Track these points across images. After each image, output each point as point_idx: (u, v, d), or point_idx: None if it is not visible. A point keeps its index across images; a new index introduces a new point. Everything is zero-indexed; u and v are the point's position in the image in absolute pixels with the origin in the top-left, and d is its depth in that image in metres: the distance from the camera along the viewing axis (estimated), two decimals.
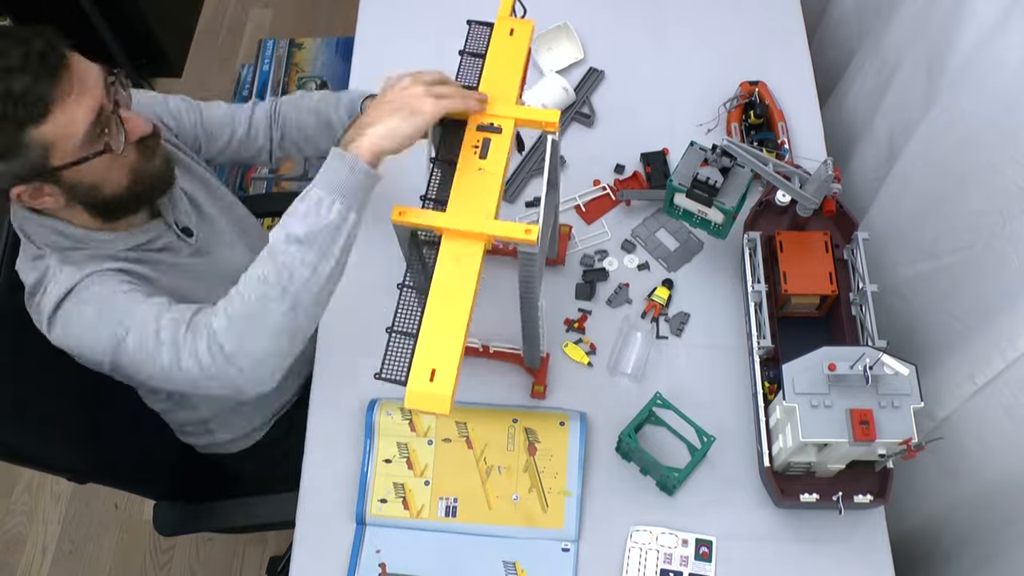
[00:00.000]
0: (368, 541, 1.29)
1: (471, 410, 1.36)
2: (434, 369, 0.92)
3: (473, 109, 1.06)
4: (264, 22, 2.90)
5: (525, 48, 1.10)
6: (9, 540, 2.17)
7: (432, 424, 1.35)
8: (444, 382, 0.91)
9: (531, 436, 1.33)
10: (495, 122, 1.04)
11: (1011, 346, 1.12)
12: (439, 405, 0.91)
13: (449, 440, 1.34)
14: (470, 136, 1.04)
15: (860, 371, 1.10)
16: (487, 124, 1.04)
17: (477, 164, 1.01)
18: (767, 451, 1.24)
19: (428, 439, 1.34)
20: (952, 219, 1.26)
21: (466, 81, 1.09)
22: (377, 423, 1.35)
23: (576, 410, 1.36)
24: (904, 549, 1.34)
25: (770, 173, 1.29)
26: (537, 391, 1.37)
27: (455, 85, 1.09)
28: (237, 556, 2.13)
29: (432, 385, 0.91)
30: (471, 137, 1.03)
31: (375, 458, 1.34)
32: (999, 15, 1.11)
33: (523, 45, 1.09)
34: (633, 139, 1.59)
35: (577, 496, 1.30)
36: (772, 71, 1.64)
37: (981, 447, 1.23)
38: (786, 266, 1.33)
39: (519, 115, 1.06)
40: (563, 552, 1.27)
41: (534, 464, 1.32)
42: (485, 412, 1.36)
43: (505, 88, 1.07)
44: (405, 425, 1.35)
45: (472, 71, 1.10)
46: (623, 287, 1.46)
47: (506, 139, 1.03)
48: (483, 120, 1.04)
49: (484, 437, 1.34)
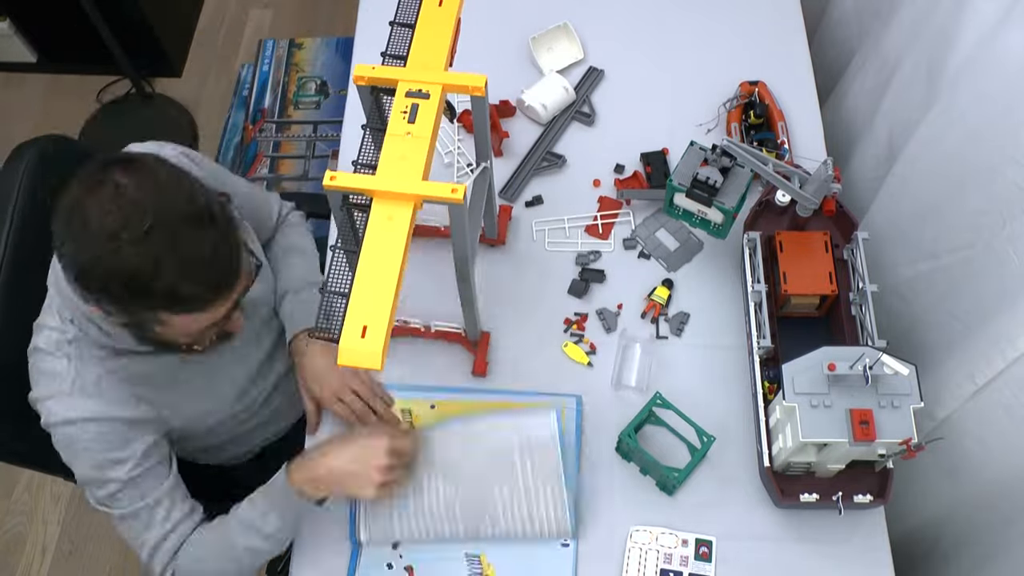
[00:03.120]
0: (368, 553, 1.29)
1: (452, 403, 1.37)
2: (365, 326, 0.94)
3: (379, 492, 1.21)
4: (264, 22, 2.90)
5: (453, 17, 1.12)
6: (9, 540, 2.16)
7: (416, 414, 1.37)
8: (375, 338, 0.93)
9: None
10: (423, 88, 1.06)
11: (1011, 346, 1.12)
12: (370, 360, 0.93)
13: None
14: (399, 102, 1.06)
15: (860, 371, 1.10)
16: (415, 91, 1.06)
17: (406, 128, 1.04)
18: (767, 451, 1.24)
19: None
20: (952, 219, 1.26)
21: (395, 50, 1.13)
22: None
23: (572, 395, 1.36)
24: (904, 549, 1.34)
25: (770, 173, 1.29)
26: (478, 368, 1.39)
27: (407, 457, 1.25)
28: None
29: (364, 342, 0.93)
30: (400, 103, 1.06)
31: None
32: (999, 15, 1.11)
33: (451, 14, 1.13)
34: (633, 139, 1.59)
35: (572, 489, 1.29)
36: (772, 71, 1.64)
37: (981, 447, 1.23)
38: (786, 266, 1.33)
39: (446, 80, 1.08)
40: (562, 547, 1.27)
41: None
42: (470, 405, 1.36)
43: (434, 56, 1.10)
44: None
45: (403, 41, 1.13)
46: (617, 309, 1.45)
47: (434, 104, 1.05)
48: (411, 87, 1.06)
49: None
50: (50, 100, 2.74)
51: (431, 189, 1.00)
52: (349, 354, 0.94)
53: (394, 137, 1.03)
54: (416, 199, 1.00)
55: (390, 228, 0.99)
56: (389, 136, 1.04)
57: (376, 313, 0.95)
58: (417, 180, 1.01)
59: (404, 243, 0.98)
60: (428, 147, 1.03)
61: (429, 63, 1.10)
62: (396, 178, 1.01)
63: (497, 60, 1.62)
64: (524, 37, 1.68)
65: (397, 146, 1.03)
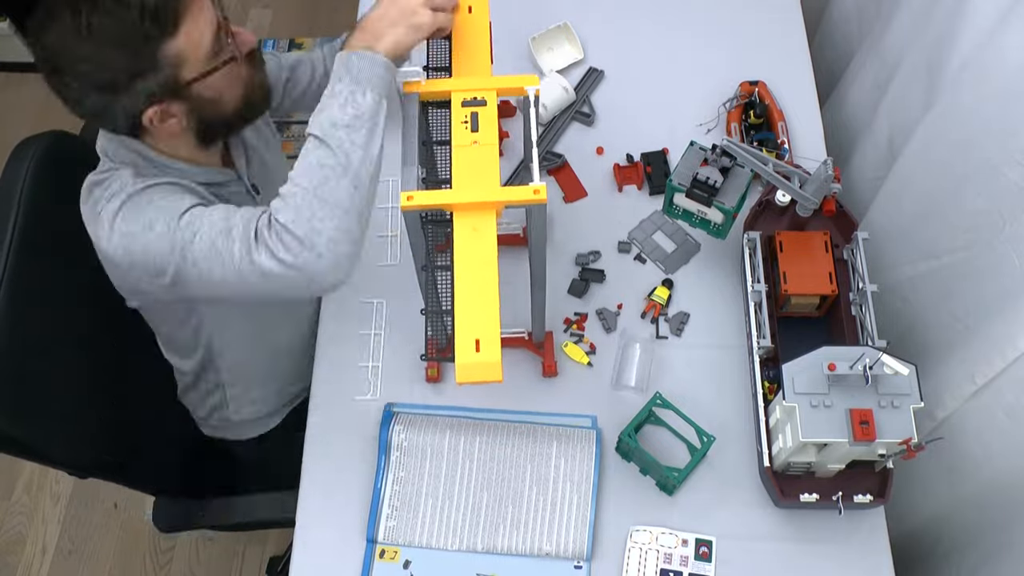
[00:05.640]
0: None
1: (488, 424, 1.35)
2: (478, 339, 0.93)
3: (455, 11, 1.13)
4: (264, 22, 2.90)
5: (486, 22, 1.13)
6: (9, 540, 2.16)
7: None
8: (491, 349, 0.93)
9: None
10: (478, 95, 1.06)
11: (1011, 346, 1.12)
12: (492, 373, 0.93)
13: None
14: (457, 113, 1.06)
15: (860, 371, 1.10)
16: (471, 99, 1.06)
17: (471, 138, 1.04)
18: (767, 451, 1.24)
19: None
20: (952, 219, 1.26)
21: (437, 62, 1.12)
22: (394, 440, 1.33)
23: (589, 415, 1.36)
24: (904, 549, 1.34)
25: (770, 173, 1.29)
26: (548, 370, 1.38)
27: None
28: (237, 556, 2.12)
29: (480, 355, 0.93)
30: (459, 114, 1.05)
31: (391, 476, 1.32)
32: (999, 15, 1.11)
33: (484, 19, 1.13)
34: (633, 139, 1.59)
35: (592, 510, 1.29)
36: (772, 71, 1.64)
37: (981, 447, 1.23)
38: (786, 266, 1.33)
39: (499, 85, 1.08)
40: (575, 570, 1.27)
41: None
42: (503, 427, 1.35)
43: (478, 62, 1.10)
44: None
45: (442, 53, 1.13)
46: (617, 309, 1.45)
47: (492, 110, 1.05)
48: (466, 96, 1.06)
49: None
50: (50, 100, 2.72)
51: (513, 193, 0.99)
52: (468, 370, 0.93)
53: (461, 148, 1.03)
54: (498, 206, 1.00)
55: (477, 239, 0.98)
56: (456, 148, 1.03)
57: (485, 325, 0.94)
58: (496, 187, 1.00)
59: (494, 250, 0.98)
60: (496, 152, 1.02)
61: (475, 69, 1.10)
62: (474, 188, 1.00)
63: (497, 60, 1.60)
64: (524, 37, 1.68)
65: (466, 156, 1.02)
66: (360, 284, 1.46)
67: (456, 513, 1.29)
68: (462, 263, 0.98)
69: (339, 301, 1.47)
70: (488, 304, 0.95)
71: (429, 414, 1.36)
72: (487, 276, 0.97)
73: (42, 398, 1.23)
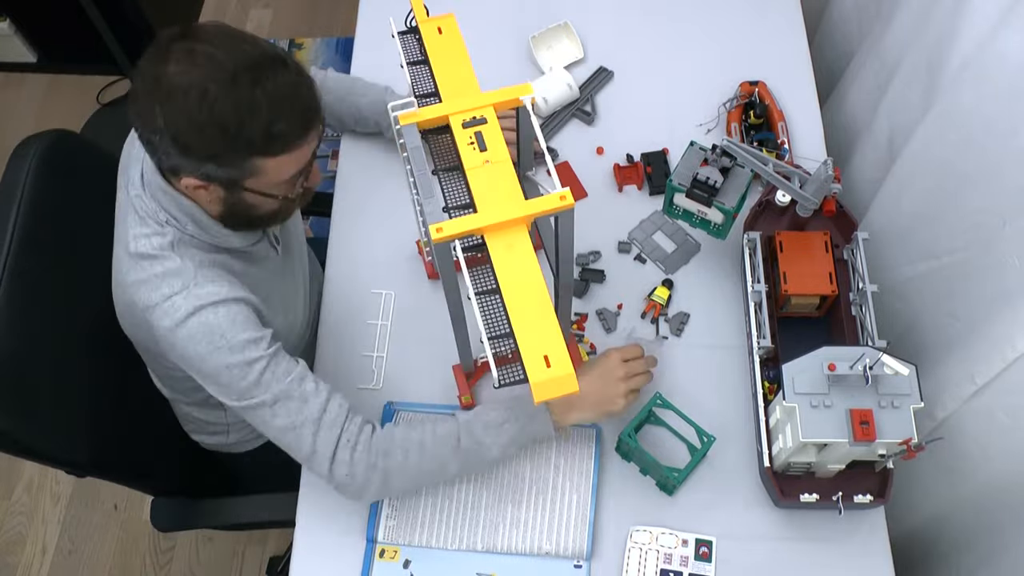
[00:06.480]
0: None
1: None
2: (546, 355, 0.92)
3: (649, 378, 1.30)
4: (264, 22, 2.90)
5: (459, 40, 1.12)
6: (9, 540, 2.17)
7: None
8: (561, 362, 0.92)
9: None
10: (476, 115, 1.05)
11: (1011, 346, 1.12)
12: (567, 385, 0.92)
13: None
14: (460, 135, 1.04)
15: (860, 371, 1.10)
16: (470, 119, 1.05)
17: (481, 158, 1.02)
18: (767, 451, 1.24)
19: None
20: (952, 219, 1.26)
21: (423, 89, 1.11)
22: None
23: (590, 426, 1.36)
24: (904, 549, 1.34)
25: (770, 173, 1.29)
26: None
27: (641, 359, 1.29)
28: (237, 556, 2.13)
29: (552, 370, 0.92)
30: (462, 137, 1.04)
31: None
32: (999, 14, 1.11)
33: (456, 38, 1.12)
34: (633, 139, 1.59)
35: (592, 509, 1.29)
36: (772, 71, 1.64)
37: (981, 447, 1.23)
38: (786, 266, 1.33)
39: (493, 100, 1.06)
40: (575, 569, 1.27)
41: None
42: None
43: (463, 82, 1.09)
44: None
45: (424, 78, 1.11)
46: (617, 309, 1.45)
47: (494, 126, 1.04)
48: (465, 117, 1.05)
49: None
50: (50, 100, 2.74)
51: (540, 204, 0.98)
52: (544, 387, 0.92)
53: (474, 170, 1.02)
54: (527, 220, 0.98)
55: (515, 255, 0.97)
56: (470, 171, 1.02)
57: (549, 338, 0.93)
58: (520, 201, 0.99)
59: (535, 262, 0.97)
60: (511, 167, 1.01)
61: (463, 89, 1.08)
62: (500, 207, 0.99)
63: (497, 59, 1.62)
64: (524, 36, 1.68)
65: (482, 177, 1.01)
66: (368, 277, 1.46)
67: (456, 512, 1.30)
68: (508, 283, 0.96)
69: (344, 296, 1.47)
70: (545, 317, 0.94)
71: (429, 413, 1.36)
72: (536, 290, 0.95)
73: (42, 398, 1.23)
